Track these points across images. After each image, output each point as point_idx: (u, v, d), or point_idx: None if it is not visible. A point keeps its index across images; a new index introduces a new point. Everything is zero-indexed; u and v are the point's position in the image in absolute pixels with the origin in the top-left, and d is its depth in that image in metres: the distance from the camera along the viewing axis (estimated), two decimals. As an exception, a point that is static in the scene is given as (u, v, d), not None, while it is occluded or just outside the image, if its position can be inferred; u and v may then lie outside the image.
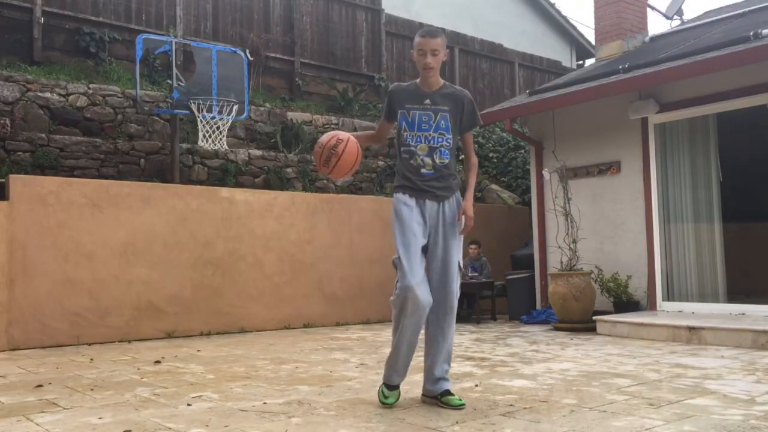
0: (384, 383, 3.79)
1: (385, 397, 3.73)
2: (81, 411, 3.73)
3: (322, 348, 6.44)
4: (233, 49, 9.58)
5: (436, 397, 3.70)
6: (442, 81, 3.79)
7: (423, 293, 3.54)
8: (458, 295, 3.79)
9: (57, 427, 3.37)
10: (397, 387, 3.78)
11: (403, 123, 3.71)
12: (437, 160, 3.71)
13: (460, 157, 4.99)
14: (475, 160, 3.96)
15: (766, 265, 9.79)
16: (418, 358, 3.98)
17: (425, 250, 3.67)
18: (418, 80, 3.80)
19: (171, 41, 9.03)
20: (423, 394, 3.82)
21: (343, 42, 12.97)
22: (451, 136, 3.75)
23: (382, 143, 3.65)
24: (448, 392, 3.70)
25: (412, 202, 3.67)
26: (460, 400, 3.65)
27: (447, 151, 3.75)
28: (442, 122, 3.72)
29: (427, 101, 3.72)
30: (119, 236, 7.26)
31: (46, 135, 8.33)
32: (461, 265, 3.77)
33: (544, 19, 19.17)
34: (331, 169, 3.61)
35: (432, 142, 3.71)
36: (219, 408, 3.75)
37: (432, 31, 3.70)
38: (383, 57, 13.43)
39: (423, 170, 3.68)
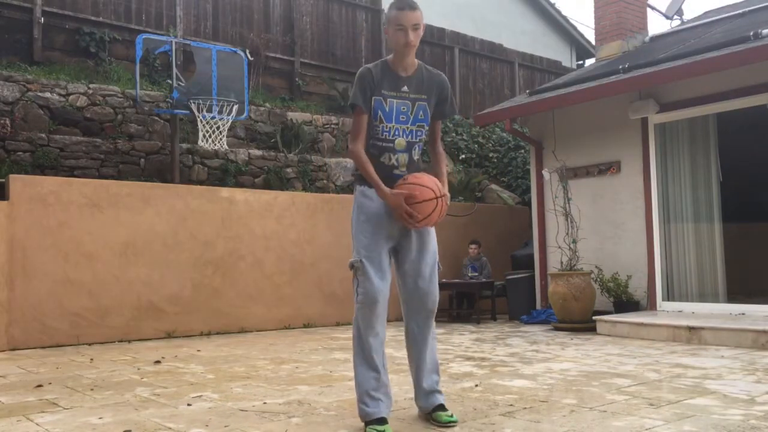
0: (368, 421, 3.11)
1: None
2: (81, 411, 3.73)
3: (322, 348, 6.44)
4: (233, 49, 9.58)
5: (429, 414, 3.30)
6: (417, 61, 3.32)
7: (386, 301, 3.18)
8: (438, 297, 3.33)
9: (57, 427, 3.37)
10: (386, 421, 3.12)
11: (379, 112, 3.20)
12: (414, 156, 3.30)
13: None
14: (442, 149, 3.52)
15: (766, 265, 9.79)
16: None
17: (395, 252, 3.32)
18: (389, 59, 3.29)
19: (171, 41, 9.03)
20: (418, 412, 3.41)
21: (343, 42, 12.97)
22: (426, 129, 3.31)
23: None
24: (441, 407, 3.29)
25: (376, 199, 3.23)
26: (451, 416, 3.24)
27: (422, 146, 3.35)
28: (421, 113, 3.28)
29: (405, 88, 3.25)
30: (119, 236, 7.26)
31: (46, 135, 8.33)
32: (440, 266, 3.37)
33: (544, 19, 19.17)
34: (425, 217, 3.15)
35: (410, 136, 3.27)
36: (219, 408, 3.75)
37: (412, 3, 3.17)
38: (383, 57, 13.42)
39: (396, 171, 3.25)
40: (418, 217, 3.13)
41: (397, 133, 3.25)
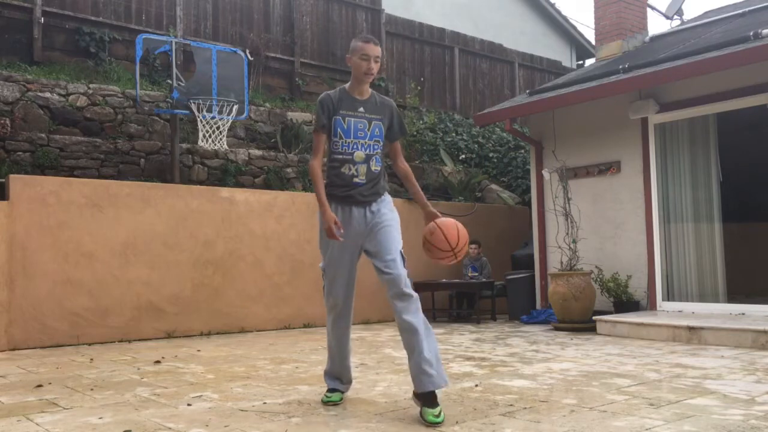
0: (327, 390, 3.91)
1: (329, 397, 3.83)
2: (81, 411, 3.73)
3: (322, 348, 6.44)
4: (233, 49, 9.58)
5: (419, 402, 3.38)
6: (370, 89, 3.82)
7: (343, 309, 3.79)
8: (408, 280, 3.59)
9: (57, 427, 3.37)
10: (336, 390, 3.89)
11: (338, 130, 3.66)
12: (372, 167, 3.72)
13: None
14: (406, 165, 3.96)
15: (766, 265, 9.79)
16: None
17: (366, 252, 3.73)
18: (346, 87, 3.81)
19: (171, 41, 9.03)
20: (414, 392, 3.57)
21: (343, 42, 12.96)
22: (383, 144, 3.79)
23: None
24: (430, 398, 3.33)
25: (337, 211, 3.65)
26: (438, 417, 3.24)
27: (380, 158, 3.79)
28: (377, 130, 3.74)
29: (361, 109, 3.73)
30: (119, 236, 7.26)
31: (46, 135, 8.33)
32: (403, 254, 3.65)
33: (544, 19, 19.18)
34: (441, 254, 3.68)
35: (368, 149, 3.71)
36: (219, 408, 3.75)
37: (374, 38, 3.75)
38: (383, 57, 13.43)
39: (355, 179, 3.67)
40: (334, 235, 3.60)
41: (355, 147, 3.69)
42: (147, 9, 10.78)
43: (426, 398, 3.35)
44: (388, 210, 3.78)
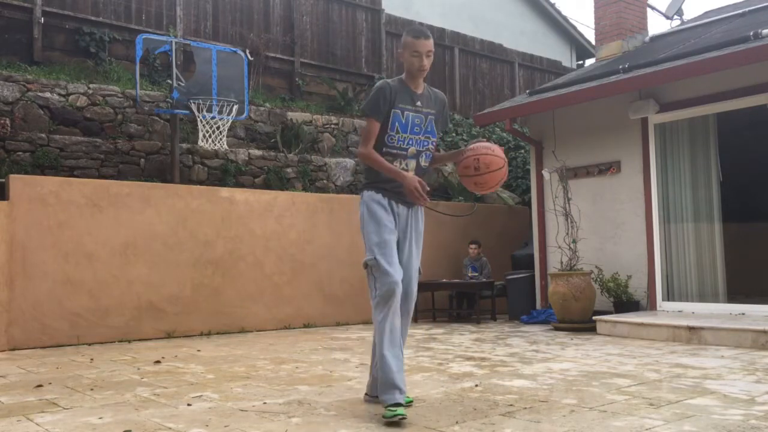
0: (386, 405, 3.36)
1: (394, 410, 3.30)
2: (81, 411, 3.73)
3: (322, 348, 6.44)
4: (233, 49, 9.58)
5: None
6: (423, 82, 3.72)
7: (401, 293, 3.51)
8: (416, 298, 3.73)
9: (57, 427, 3.37)
10: (400, 404, 3.35)
11: (396, 124, 3.55)
12: (422, 163, 3.67)
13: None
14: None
15: (766, 265, 9.79)
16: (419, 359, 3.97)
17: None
18: (403, 78, 3.65)
19: (171, 41, 9.03)
20: (369, 394, 3.78)
21: (343, 42, 12.96)
22: (433, 140, 3.71)
23: None
24: (396, 404, 3.39)
25: (385, 202, 3.58)
26: (394, 410, 3.28)
27: (431, 155, 3.72)
28: (430, 125, 3.68)
29: (419, 103, 3.63)
30: (119, 236, 7.26)
31: (46, 135, 8.33)
32: (420, 270, 3.76)
33: (544, 19, 19.17)
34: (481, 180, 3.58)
35: (420, 145, 3.64)
36: (219, 408, 3.75)
37: (426, 32, 3.57)
38: (383, 57, 13.43)
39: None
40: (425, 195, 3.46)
41: (410, 142, 3.61)
42: (147, 9, 10.77)
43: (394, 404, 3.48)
44: (422, 221, 3.75)
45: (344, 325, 8.77)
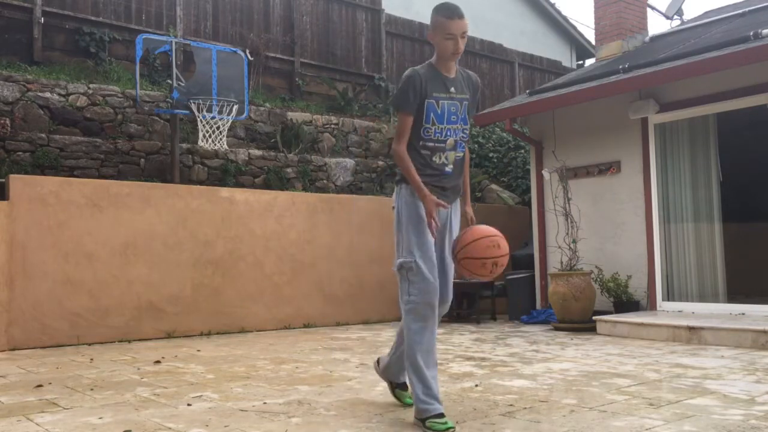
0: (428, 418, 3.14)
1: (445, 422, 3.12)
2: (81, 411, 3.73)
3: (322, 348, 6.44)
4: (233, 49, 9.58)
5: (394, 386, 3.71)
6: (455, 65, 3.40)
7: (436, 306, 3.26)
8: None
9: (57, 427, 3.37)
10: (443, 414, 3.17)
11: (431, 115, 3.26)
12: (458, 153, 3.38)
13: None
14: (466, 149, 3.53)
15: (766, 265, 9.79)
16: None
17: None
18: (433, 63, 3.34)
19: (171, 41, 9.03)
20: (390, 380, 3.74)
21: (343, 42, 12.96)
22: (468, 127, 3.42)
23: None
24: (405, 385, 3.61)
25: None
26: (444, 421, 3.13)
27: (465, 144, 3.44)
28: (465, 112, 3.37)
29: (452, 89, 3.32)
30: (119, 236, 7.26)
31: (46, 135, 8.33)
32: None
33: (544, 19, 19.17)
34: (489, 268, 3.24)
35: (457, 134, 3.34)
36: (219, 408, 3.75)
37: (459, 10, 3.23)
38: (383, 57, 13.43)
39: (446, 168, 3.33)
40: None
41: (448, 133, 3.32)
42: (147, 9, 10.78)
43: (404, 384, 3.66)
44: (458, 220, 3.51)
45: (344, 325, 8.77)
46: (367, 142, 11.69)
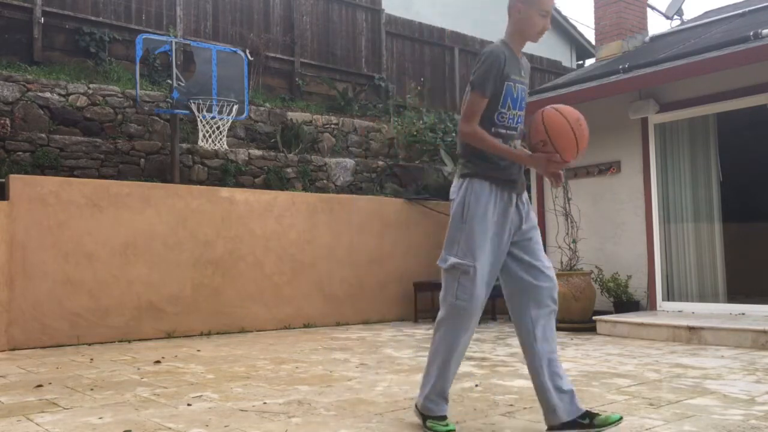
0: (430, 417, 3.07)
1: (447, 424, 3.04)
2: (81, 411, 3.73)
3: (322, 348, 6.44)
4: (233, 49, 9.58)
5: (583, 424, 2.95)
6: None
7: (479, 311, 3.07)
8: (557, 289, 3.12)
9: (57, 427, 3.37)
10: (446, 417, 3.11)
11: (509, 99, 3.00)
12: (522, 145, 3.16)
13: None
14: None
15: (766, 265, 9.79)
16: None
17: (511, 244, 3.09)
18: (507, 41, 3.06)
19: (171, 41, 9.03)
20: (553, 427, 3.05)
21: (343, 42, 12.96)
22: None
23: None
24: (591, 413, 2.99)
25: (494, 196, 3.00)
26: (446, 424, 3.03)
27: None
28: (525, 99, 3.16)
29: (523, 72, 3.10)
30: (119, 236, 7.26)
31: (46, 135, 8.33)
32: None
33: (544, 19, 19.16)
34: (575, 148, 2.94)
35: (522, 123, 3.13)
36: (219, 408, 3.75)
37: None
38: (383, 57, 13.43)
39: None
40: (566, 160, 2.91)
41: (519, 120, 3.10)
42: (147, 9, 10.77)
43: (588, 413, 3.01)
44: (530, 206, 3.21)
45: (344, 325, 8.77)
46: (367, 142, 11.69)
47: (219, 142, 8.89)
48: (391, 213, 9.41)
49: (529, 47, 17.22)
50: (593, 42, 11.80)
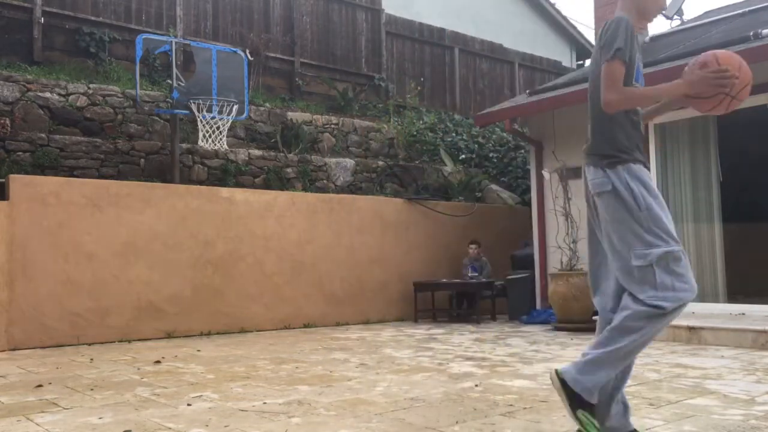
0: (585, 406, 2.75)
1: (592, 424, 2.72)
2: (81, 411, 3.73)
3: (322, 348, 6.44)
4: (233, 49, 9.58)
5: None
6: None
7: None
8: None
9: (57, 427, 3.37)
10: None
11: (638, 74, 2.81)
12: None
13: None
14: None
15: (766, 265, 9.78)
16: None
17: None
18: (629, 17, 2.76)
19: (171, 41, 9.03)
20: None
21: (343, 42, 12.96)
22: None
23: None
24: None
25: (645, 174, 2.75)
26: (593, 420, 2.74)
27: None
28: None
29: (640, 49, 2.86)
30: (119, 236, 7.26)
31: (46, 135, 8.33)
32: None
33: (544, 19, 19.17)
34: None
35: None
36: (219, 408, 3.75)
37: None
38: (383, 57, 13.43)
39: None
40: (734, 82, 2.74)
41: None
42: (147, 9, 10.78)
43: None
44: None
45: (344, 325, 8.77)
46: (367, 142, 11.69)
47: (219, 142, 8.89)
48: (391, 213, 9.41)
49: (529, 47, 17.23)
50: (593, 42, 11.79)
